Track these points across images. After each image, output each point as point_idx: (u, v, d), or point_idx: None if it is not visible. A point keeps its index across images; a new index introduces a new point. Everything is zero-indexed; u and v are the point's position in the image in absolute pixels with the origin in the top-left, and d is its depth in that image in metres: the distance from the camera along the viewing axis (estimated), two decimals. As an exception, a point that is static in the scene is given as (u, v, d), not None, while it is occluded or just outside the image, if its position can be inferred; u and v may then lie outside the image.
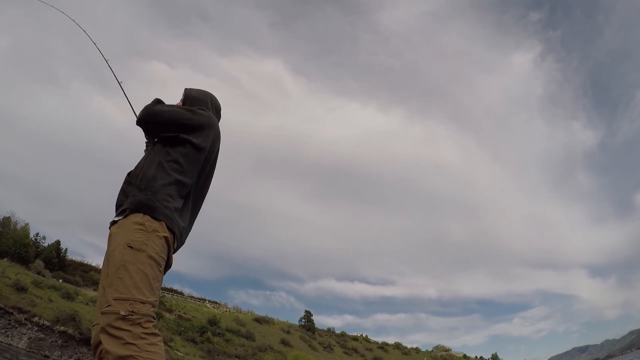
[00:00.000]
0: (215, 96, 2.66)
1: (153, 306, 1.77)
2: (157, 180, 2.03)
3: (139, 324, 1.67)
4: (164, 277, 2.08)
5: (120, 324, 1.65)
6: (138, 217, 1.92)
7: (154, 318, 1.76)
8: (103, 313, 1.69)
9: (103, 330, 1.67)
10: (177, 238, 2.05)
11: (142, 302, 1.72)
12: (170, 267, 2.11)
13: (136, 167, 2.18)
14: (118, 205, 2.06)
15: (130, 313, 1.67)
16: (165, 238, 1.93)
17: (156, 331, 1.73)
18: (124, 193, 2.09)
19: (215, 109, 2.58)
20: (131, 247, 1.81)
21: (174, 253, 2.10)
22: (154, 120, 2.21)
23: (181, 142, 2.16)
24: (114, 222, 2.01)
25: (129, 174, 2.15)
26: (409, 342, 61.26)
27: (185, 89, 2.52)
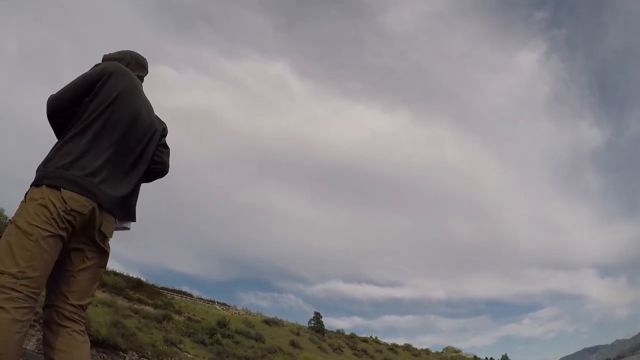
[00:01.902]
0: (139, 53, 2.50)
1: (14, 277, 1.64)
2: (53, 149, 1.95)
3: None
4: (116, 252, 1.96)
5: None
6: (28, 193, 1.84)
7: (14, 290, 1.63)
8: None
9: None
10: (81, 190, 1.85)
11: (0, 273, 1.63)
12: (89, 218, 1.89)
13: None
14: None
15: None
16: (48, 203, 1.76)
17: (5, 306, 1.59)
18: None
19: (137, 63, 2.42)
20: (10, 222, 1.79)
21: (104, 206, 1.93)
22: (61, 106, 2.04)
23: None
24: None
25: None
26: (418, 343, 60.90)
27: (103, 55, 2.41)
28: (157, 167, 2.32)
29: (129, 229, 2.17)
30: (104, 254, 2.00)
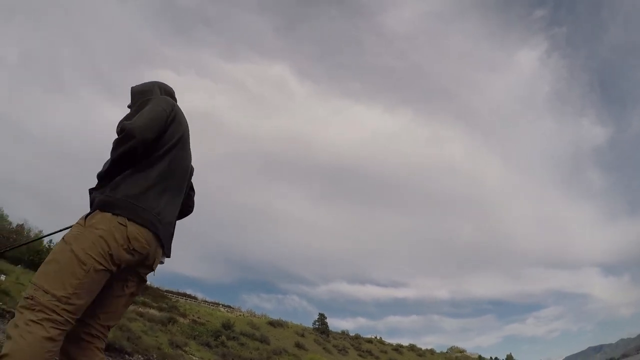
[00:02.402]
0: (166, 84, 2.45)
1: (58, 300, 1.67)
2: (121, 176, 1.93)
3: (32, 309, 1.64)
4: (162, 273, 1.99)
5: (21, 303, 1.68)
6: (88, 217, 1.85)
7: (56, 312, 1.66)
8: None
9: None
10: (150, 225, 1.90)
11: (45, 292, 1.67)
12: (145, 256, 1.93)
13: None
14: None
15: (29, 298, 1.67)
16: (109, 238, 1.78)
17: (43, 324, 1.63)
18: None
19: (167, 94, 2.37)
20: (63, 240, 1.79)
21: (162, 240, 2.00)
22: (152, 137, 1.98)
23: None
24: None
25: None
26: (422, 343, 60.67)
27: (131, 88, 2.35)
28: (189, 209, 2.41)
29: (163, 262, 2.22)
30: (142, 282, 2.05)
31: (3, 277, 25.95)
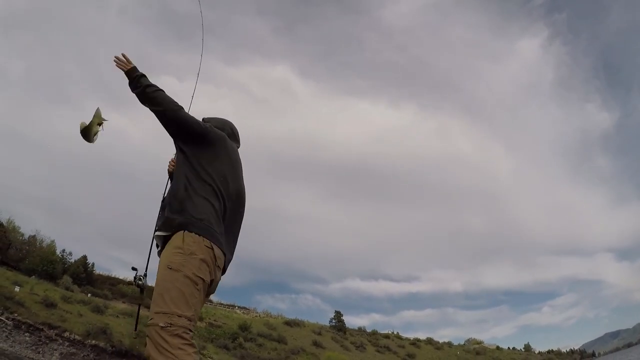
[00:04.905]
0: (234, 125, 2.76)
1: (189, 320, 1.98)
2: (183, 194, 2.23)
3: (177, 334, 1.90)
4: (216, 292, 2.39)
5: (161, 333, 1.89)
6: (178, 240, 2.10)
7: (190, 330, 1.98)
8: (147, 326, 1.93)
9: (148, 339, 1.92)
10: (220, 244, 2.22)
11: (179, 316, 1.94)
12: (216, 283, 2.27)
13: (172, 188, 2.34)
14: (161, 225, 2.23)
15: (169, 325, 1.90)
16: (207, 259, 2.12)
17: (192, 342, 1.96)
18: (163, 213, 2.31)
19: (234, 135, 2.69)
20: (170, 269, 2.03)
21: (224, 265, 2.32)
22: (176, 122, 2.35)
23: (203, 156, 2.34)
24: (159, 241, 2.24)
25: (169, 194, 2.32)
26: (438, 337, 60.12)
27: (203, 118, 2.64)
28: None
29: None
30: (207, 296, 2.32)
31: (17, 289, 26.07)
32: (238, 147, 2.67)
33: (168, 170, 2.63)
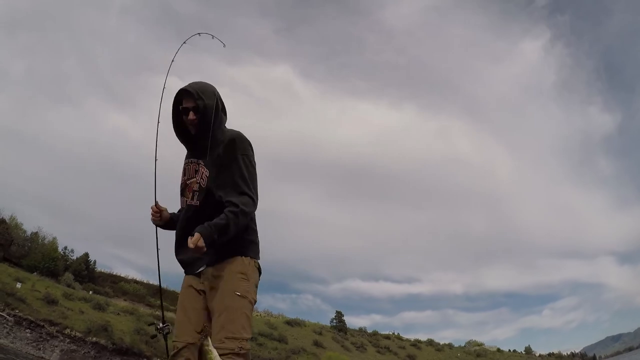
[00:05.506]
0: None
1: (249, 341, 2.22)
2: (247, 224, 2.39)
3: (245, 355, 2.13)
4: None
5: (233, 358, 2.08)
6: (240, 266, 2.28)
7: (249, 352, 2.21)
8: (218, 348, 1.99)
9: None
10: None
11: (246, 340, 2.17)
12: None
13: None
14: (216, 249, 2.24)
15: (240, 349, 2.11)
16: (257, 284, 2.37)
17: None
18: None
19: (221, 101, 2.60)
20: (239, 295, 2.20)
21: None
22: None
23: None
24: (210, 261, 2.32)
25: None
26: (438, 338, 59.65)
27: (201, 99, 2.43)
28: None
29: None
30: None
31: (19, 285, 26.10)
32: (225, 121, 2.57)
33: (152, 221, 2.53)
